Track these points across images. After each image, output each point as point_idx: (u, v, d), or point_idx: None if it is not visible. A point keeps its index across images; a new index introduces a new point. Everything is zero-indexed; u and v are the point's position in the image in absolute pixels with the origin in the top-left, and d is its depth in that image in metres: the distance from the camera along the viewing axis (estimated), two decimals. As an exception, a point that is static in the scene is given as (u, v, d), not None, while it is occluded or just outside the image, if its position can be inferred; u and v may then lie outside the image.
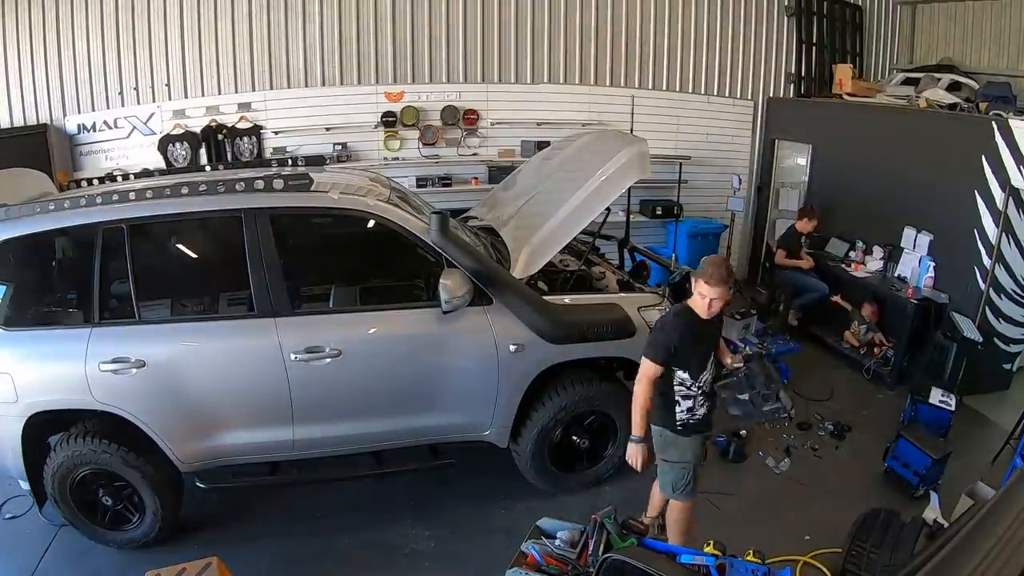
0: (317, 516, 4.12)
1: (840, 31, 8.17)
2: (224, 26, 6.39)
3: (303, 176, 3.73)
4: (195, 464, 3.70)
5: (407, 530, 4.01)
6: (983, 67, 7.05)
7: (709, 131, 7.85)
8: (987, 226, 5.30)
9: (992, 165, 5.22)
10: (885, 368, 5.88)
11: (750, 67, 7.95)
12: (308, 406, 3.68)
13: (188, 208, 3.52)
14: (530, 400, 4.02)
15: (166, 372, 3.47)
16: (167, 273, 3.94)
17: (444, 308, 3.58)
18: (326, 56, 6.67)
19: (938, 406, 4.82)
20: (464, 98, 7.04)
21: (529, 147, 6.96)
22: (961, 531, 2.00)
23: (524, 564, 2.79)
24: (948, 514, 3.74)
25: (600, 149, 4.59)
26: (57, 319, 3.60)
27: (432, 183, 6.95)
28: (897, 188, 6.15)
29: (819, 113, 7.61)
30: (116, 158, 6.39)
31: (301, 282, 3.91)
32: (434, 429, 3.98)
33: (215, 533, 3.95)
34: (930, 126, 6.11)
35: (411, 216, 3.82)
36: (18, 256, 3.55)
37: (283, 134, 6.67)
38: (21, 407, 3.40)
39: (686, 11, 7.58)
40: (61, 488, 3.58)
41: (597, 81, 7.45)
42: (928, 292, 5.76)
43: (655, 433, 3.39)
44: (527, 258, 4.01)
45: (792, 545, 3.80)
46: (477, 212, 5.21)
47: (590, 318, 3.97)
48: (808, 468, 4.65)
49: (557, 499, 4.23)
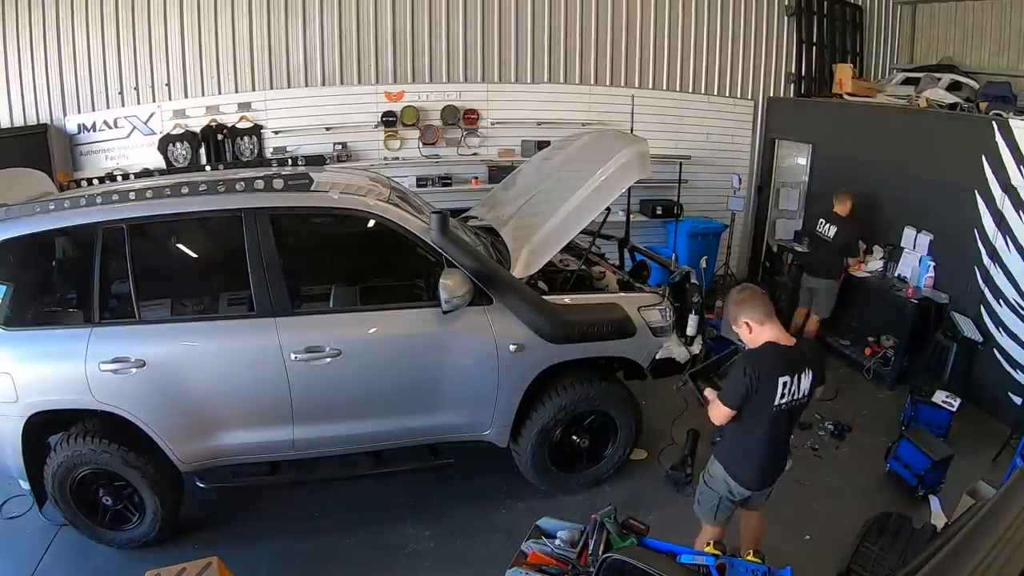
0: (317, 516, 4.13)
1: (840, 31, 8.17)
2: (224, 26, 6.40)
3: (303, 176, 3.73)
4: (195, 464, 3.70)
5: (407, 530, 4.01)
6: (983, 67, 7.05)
7: (709, 131, 7.85)
8: (987, 226, 5.30)
9: (992, 165, 5.21)
10: (885, 368, 5.89)
11: (750, 67, 7.96)
12: (308, 406, 3.68)
13: (188, 208, 3.52)
14: (530, 400, 4.02)
15: (166, 372, 3.47)
16: (167, 273, 3.94)
17: (444, 308, 3.58)
18: (326, 56, 6.67)
19: (940, 406, 4.82)
20: (464, 98, 7.04)
21: (529, 147, 6.97)
22: (961, 531, 2.00)
23: (524, 564, 2.79)
24: (951, 515, 3.74)
25: (600, 149, 4.59)
26: (57, 319, 3.60)
27: (432, 183, 6.96)
28: (897, 188, 6.15)
29: (819, 113, 7.61)
30: (116, 158, 6.40)
31: (301, 282, 3.91)
32: (434, 429, 3.98)
33: (215, 533, 3.95)
34: (930, 126, 6.10)
35: (411, 216, 3.82)
36: (18, 256, 3.55)
37: (283, 134, 6.67)
38: (21, 407, 3.40)
39: (686, 11, 7.58)
40: (61, 488, 3.58)
41: (597, 81, 7.45)
42: (928, 292, 5.75)
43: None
44: (527, 258, 4.01)
45: (792, 545, 3.80)
46: (477, 212, 5.20)
47: (590, 318, 3.97)
48: (808, 468, 4.65)
49: (557, 499, 4.23)
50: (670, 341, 4.28)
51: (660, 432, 4.88)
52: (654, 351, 4.23)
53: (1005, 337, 5.22)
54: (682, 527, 3.72)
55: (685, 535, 3.24)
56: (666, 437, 4.87)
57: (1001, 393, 5.21)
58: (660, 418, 4.97)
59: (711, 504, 3.23)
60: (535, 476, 4.22)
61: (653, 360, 4.26)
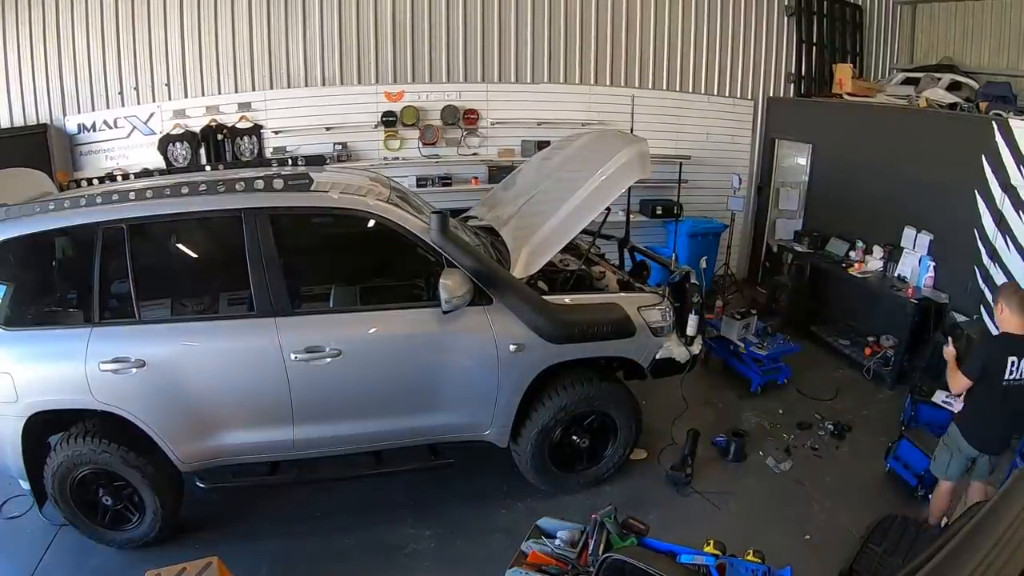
0: (317, 516, 4.12)
1: (840, 31, 8.17)
2: (224, 26, 6.40)
3: (303, 176, 3.73)
4: (195, 464, 3.70)
5: (407, 530, 4.01)
6: (983, 67, 7.05)
7: (709, 131, 7.85)
8: (987, 226, 5.30)
9: (992, 165, 5.21)
10: (885, 368, 5.89)
11: (750, 67, 7.96)
12: (308, 406, 3.68)
13: (188, 208, 3.52)
14: (530, 400, 4.02)
15: (166, 372, 3.47)
16: (167, 273, 3.94)
17: (444, 308, 3.58)
18: (326, 56, 6.67)
19: (940, 406, 4.81)
20: (464, 98, 7.04)
21: (529, 147, 6.97)
22: (961, 531, 1.99)
23: (524, 564, 2.79)
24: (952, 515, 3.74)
25: (600, 149, 4.59)
26: (57, 319, 3.60)
27: (432, 183, 6.95)
28: (897, 188, 6.15)
29: (819, 113, 7.61)
30: (116, 158, 6.40)
31: (301, 282, 3.91)
32: (434, 429, 3.98)
33: (215, 533, 3.95)
34: (930, 126, 6.10)
35: (411, 216, 3.82)
36: (18, 256, 3.55)
37: (283, 134, 6.67)
38: (21, 407, 3.40)
39: (686, 11, 7.58)
40: (61, 488, 3.58)
41: (597, 81, 7.45)
42: (928, 292, 5.75)
43: None
44: (527, 258, 4.00)
45: (792, 545, 3.80)
46: (477, 212, 5.20)
47: (590, 318, 3.97)
48: (808, 468, 4.65)
49: (557, 499, 4.23)
50: (670, 341, 4.28)
51: (660, 432, 4.88)
52: (654, 351, 4.24)
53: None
54: (682, 527, 3.74)
55: (685, 535, 3.22)
56: (666, 437, 4.86)
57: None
58: (660, 418, 4.97)
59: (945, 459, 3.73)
60: (535, 476, 4.22)
61: (653, 360, 4.26)
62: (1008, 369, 3.45)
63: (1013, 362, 3.45)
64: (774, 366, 5.72)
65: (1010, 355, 3.45)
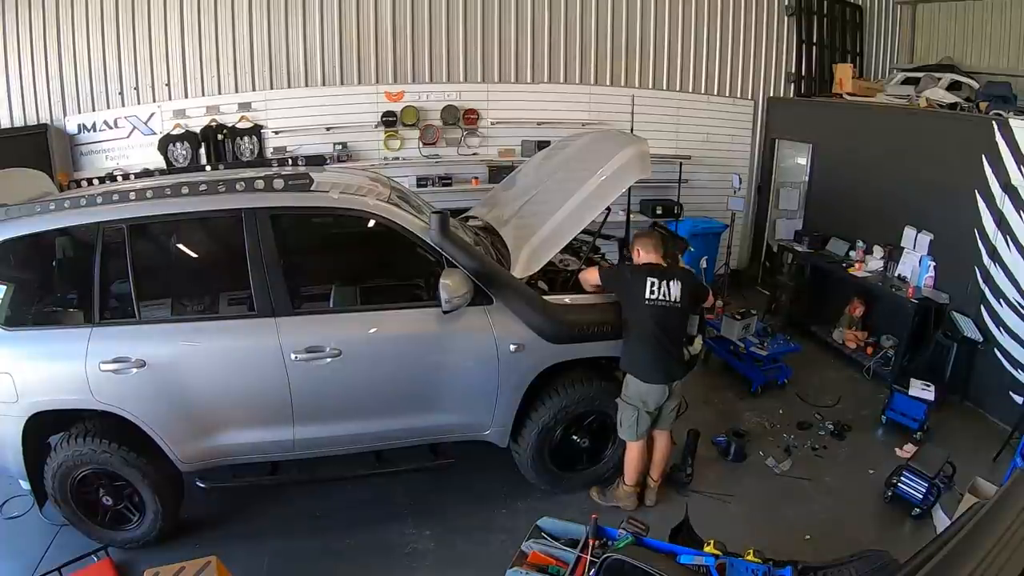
0: (317, 516, 4.12)
1: (840, 31, 8.18)
2: (224, 26, 6.40)
3: (303, 176, 3.73)
4: (195, 464, 3.70)
5: (407, 530, 4.01)
6: (983, 67, 7.04)
7: (709, 131, 7.85)
8: (987, 226, 5.30)
9: (992, 165, 5.21)
10: (885, 368, 5.89)
11: (750, 67, 7.96)
12: (308, 406, 3.67)
13: (188, 208, 3.51)
14: (530, 400, 4.02)
15: (167, 372, 3.47)
16: (167, 273, 3.94)
17: (444, 308, 3.57)
18: (326, 56, 6.67)
19: (916, 398, 4.95)
20: (464, 98, 7.04)
21: (529, 147, 6.97)
22: (961, 531, 2.00)
23: (524, 564, 2.79)
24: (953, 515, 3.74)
25: (600, 149, 4.59)
26: (57, 319, 3.60)
27: (432, 183, 6.96)
28: (897, 188, 6.15)
29: (819, 113, 7.61)
30: (116, 158, 6.40)
31: (301, 282, 3.91)
32: (434, 429, 3.98)
33: (215, 533, 3.95)
34: (930, 126, 6.10)
35: (411, 216, 3.82)
36: (18, 256, 3.55)
37: (283, 134, 6.67)
38: (21, 407, 3.39)
39: (686, 11, 7.59)
40: (62, 488, 3.58)
41: (597, 81, 7.45)
42: (928, 292, 5.75)
43: None
44: (527, 258, 4.01)
45: (792, 545, 3.80)
46: (477, 212, 5.20)
47: (590, 318, 3.97)
48: (808, 468, 4.65)
49: (557, 499, 4.23)
50: (670, 341, 4.28)
51: (660, 432, 4.87)
52: (654, 351, 4.23)
53: (1006, 337, 5.21)
54: (682, 527, 3.72)
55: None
56: (666, 437, 4.86)
57: (1002, 392, 5.21)
58: (660, 418, 4.97)
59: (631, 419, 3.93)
60: (535, 476, 4.22)
61: (653, 360, 4.25)
62: (648, 288, 3.78)
63: (653, 283, 3.80)
64: (774, 366, 5.72)
65: (648, 276, 3.82)
